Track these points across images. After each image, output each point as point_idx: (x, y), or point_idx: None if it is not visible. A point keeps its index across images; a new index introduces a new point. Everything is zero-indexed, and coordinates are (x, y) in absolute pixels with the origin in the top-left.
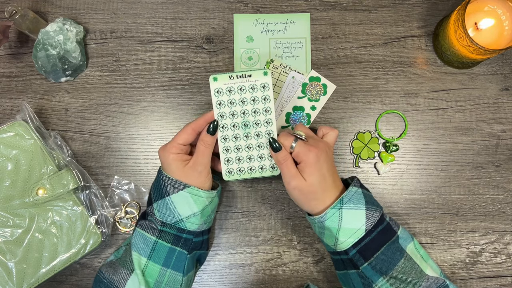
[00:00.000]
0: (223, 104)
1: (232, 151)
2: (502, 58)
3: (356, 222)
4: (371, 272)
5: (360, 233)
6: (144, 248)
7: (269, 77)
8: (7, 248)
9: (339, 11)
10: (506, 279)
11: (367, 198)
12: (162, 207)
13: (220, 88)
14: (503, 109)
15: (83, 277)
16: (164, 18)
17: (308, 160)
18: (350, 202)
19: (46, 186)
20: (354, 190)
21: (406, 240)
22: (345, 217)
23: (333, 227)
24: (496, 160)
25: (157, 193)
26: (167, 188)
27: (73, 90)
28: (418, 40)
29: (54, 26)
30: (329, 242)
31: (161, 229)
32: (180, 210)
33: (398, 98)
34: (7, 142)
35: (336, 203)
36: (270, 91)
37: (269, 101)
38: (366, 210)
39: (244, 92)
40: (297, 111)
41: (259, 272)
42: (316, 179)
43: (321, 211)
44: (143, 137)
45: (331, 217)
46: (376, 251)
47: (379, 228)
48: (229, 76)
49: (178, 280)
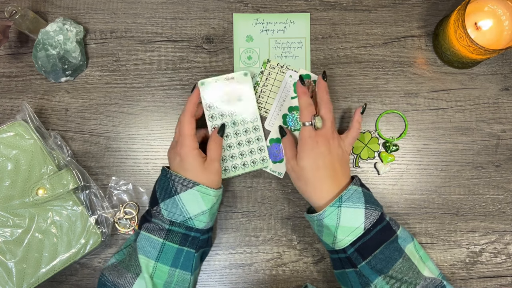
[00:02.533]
0: (212, 106)
1: (225, 150)
2: (502, 58)
3: (355, 220)
4: (369, 271)
5: (359, 231)
6: (151, 251)
7: (249, 77)
8: (7, 248)
9: (339, 11)
10: (506, 279)
11: (366, 197)
12: (170, 206)
13: (208, 92)
14: (503, 109)
15: (83, 277)
16: (164, 18)
17: (304, 146)
18: (349, 201)
19: (46, 186)
20: (354, 188)
21: (406, 240)
22: (344, 216)
23: (331, 225)
24: (496, 160)
25: (164, 192)
26: (176, 186)
27: (73, 90)
28: (418, 40)
29: (54, 26)
30: (328, 240)
31: (169, 228)
32: (189, 208)
33: (398, 98)
34: (7, 142)
35: (335, 201)
36: (251, 90)
37: (252, 99)
38: (365, 209)
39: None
40: (293, 112)
41: (259, 272)
42: (308, 164)
43: (319, 205)
44: (143, 137)
45: (329, 215)
46: (374, 250)
47: (378, 227)
48: (215, 80)
49: (187, 279)
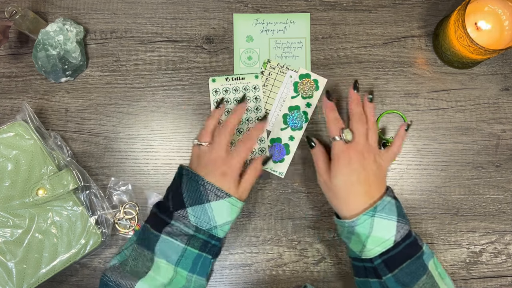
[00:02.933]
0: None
1: None
2: (502, 58)
3: (387, 232)
4: (394, 284)
5: (389, 243)
6: (172, 255)
7: (260, 80)
8: (7, 248)
9: (339, 11)
10: (506, 279)
11: (399, 210)
12: (199, 213)
13: (217, 88)
14: (503, 109)
15: (83, 277)
16: (164, 18)
17: (337, 162)
18: (383, 212)
19: (46, 186)
20: (388, 200)
21: (428, 257)
22: (376, 226)
23: (363, 233)
24: (496, 160)
25: (194, 197)
26: (209, 195)
27: (73, 90)
28: (418, 40)
29: (54, 26)
30: (355, 248)
31: (193, 234)
32: (217, 217)
33: (398, 98)
34: (7, 142)
35: (370, 210)
36: (260, 92)
37: (259, 101)
38: (397, 222)
39: (238, 92)
40: (293, 111)
41: (259, 272)
42: (341, 181)
43: (350, 215)
44: (143, 137)
45: (362, 223)
46: (401, 263)
47: (406, 241)
48: (225, 78)
49: (203, 284)
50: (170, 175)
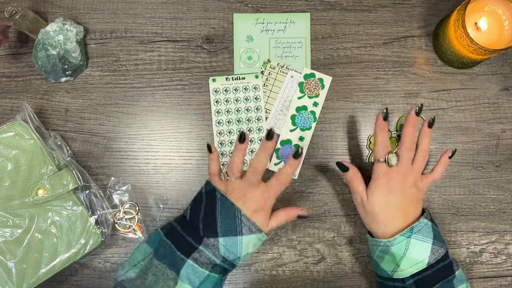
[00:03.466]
0: (219, 102)
1: (226, 145)
2: (502, 58)
3: (421, 253)
4: None
5: (422, 265)
6: (196, 280)
7: (260, 80)
8: (7, 248)
9: (339, 11)
10: (506, 279)
11: (435, 233)
12: (230, 245)
13: (218, 88)
14: (503, 109)
15: (83, 277)
16: (164, 18)
17: (377, 181)
18: (419, 233)
19: (46, 186)
20: (425, 222)
21: (460, 282)
22: (412, 247)
23: (397, 253)
24: (496, 160)
25: (228, 228)
26: (243, 229)
27: (73, 90)
28: (418, 40)
29: (54, 26)
30: (388, 267)
31: (219, 263)
32: (243, 250)
33: (398, 98)
34: (7, 142)
35: (406, 231)
36: (260, 91)
37: (259, 101)
38: (432, 244)
39: (238, 92)
40: (301, 111)
41: (259, 272)
42: (378, 203)
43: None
44: (143, 137)
45: (398, 243)
46: (432, 285)
47: (440, 264)
48: (226, 78)
49: None
50: (170, 175)
